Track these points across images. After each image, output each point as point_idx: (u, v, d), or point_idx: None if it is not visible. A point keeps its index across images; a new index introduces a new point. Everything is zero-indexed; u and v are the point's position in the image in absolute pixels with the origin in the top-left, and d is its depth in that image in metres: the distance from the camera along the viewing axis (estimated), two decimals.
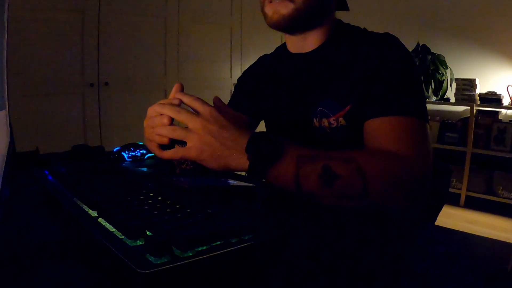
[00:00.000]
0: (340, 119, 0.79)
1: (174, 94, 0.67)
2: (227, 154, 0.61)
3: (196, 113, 0.63)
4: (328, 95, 0.80)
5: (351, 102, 0.77)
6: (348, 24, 0.87)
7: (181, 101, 0.65)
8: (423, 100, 0.74)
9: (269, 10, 0.80)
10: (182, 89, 0.67)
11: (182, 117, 0.62)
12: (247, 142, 0.61)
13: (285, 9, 0.77)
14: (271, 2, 0.79)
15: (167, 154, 0.66)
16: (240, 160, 0.61)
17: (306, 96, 0.84)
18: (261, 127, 0.99)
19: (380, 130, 0.70)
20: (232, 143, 0.61)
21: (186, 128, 0.62)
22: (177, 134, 0.63)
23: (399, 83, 0.72)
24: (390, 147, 0.67)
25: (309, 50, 0.85)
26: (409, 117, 0.69)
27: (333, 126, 0.79)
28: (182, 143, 0.65)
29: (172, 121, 0.65)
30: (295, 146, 0.63)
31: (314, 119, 0.81)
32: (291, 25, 0.80)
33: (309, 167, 0.60)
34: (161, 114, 0.65)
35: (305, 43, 0.85)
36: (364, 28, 0.85)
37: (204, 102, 0.63)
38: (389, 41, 0.78)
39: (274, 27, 0.82)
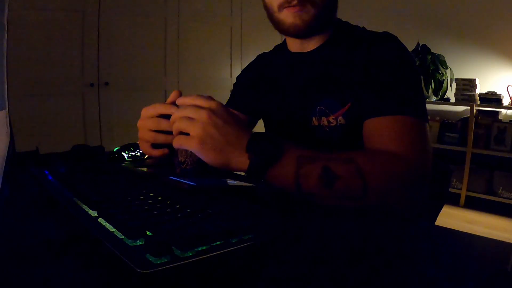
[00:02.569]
0: (340, 118, 0.79)
1: (172, 99, 0.66)
2: (228, 150, 0.60)
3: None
4: (328, 94, 0.80)
5: (350, 101, 0.77)
6: (347, 23, 0.87)
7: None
8: (423, 100, 0.74)
9: (288, 16, 0.77)
10: (180, 95, 0.67)
11: (185, 112, 0.61)
12: (248, 141, 0.60)
13: (308, 14, 0.76)
14: (288, 7, 0.76)
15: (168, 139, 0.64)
16: (240, 159, 0.60)
17: (305, 94, 0.84)
18: (260, 126, 0.99)
19: (379, 129, 0.70)
20: (235, 140, 0.60)
21: (190, 118, 0.61)
22: (182, 123, 0.61)
23: (398, 83, 0.72)
24: (389, 147, 0.67)
25: (310, 49, 0.85)
26: (409, 116, 0.69)
27: (332, 125, 0.79)
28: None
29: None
30: (294, 146, 0.62)
31: (314, 118, 0.81)
32: (310, 31, 0.80)
33: (309, 167, 0.60)
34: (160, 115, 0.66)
35: (307, 44, 0.85)
36: (364, 27, 0.85)
37: (207, 97, 0.62)
38: (389, 40, 0.78)
39: (292, 34, 0.82)
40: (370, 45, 0.78)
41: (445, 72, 3.04)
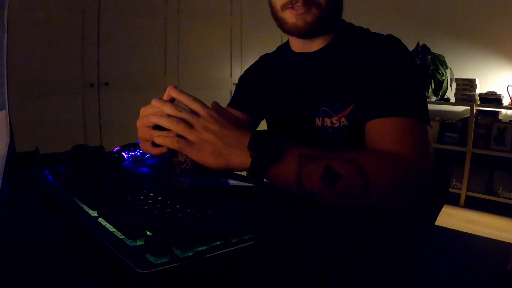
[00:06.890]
0: (343, 119, 0.79)
1: (168, 95, 0.65)
2: (228, 151, 0.60)
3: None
4: (332, 95, 0.80)
5: (353, 103, 0.78)
6: (351, 24, 0.87)
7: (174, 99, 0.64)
8: (425, 102, 0.74)
9: (290, 16, 0.77)
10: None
11: (183, 115, 0.61)
12: (249, 139, 0.60)
13: (311, 16, 0.76)
14: (292, 8, 0.76)
15: (165, 140, 0.62)
16: (241, 158, 0.60)
17: (309, 95, 0.84)
18: (263, 127, 0.99)
19: (382, 130, 0.70)
20: (234, 141, 0.61)
21: (188, 124, 0.62)
22: (180, 127, 0.61)
23: (401, 85, 0.72)
24: (391, 148, 0.67)
25: (314, 50, 0.85)
26: (411, 118, 0.69)
27: (335, 126, 0.80)
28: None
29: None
30: (296, 144, 0.63)
31: (317, 119, 0.82)
32: (314, 31, 0.80)
33: (312, 166, 0.60)
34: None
35: (311, 44, 0.85)
36: (368, 29, 0.85)
37: (203, 104, 0.63)
38: (393, 43, 0.78)
39: (295, 34, 0.81)
40: (374, 47, 0.78)
41: (445, 72, 3.04)
